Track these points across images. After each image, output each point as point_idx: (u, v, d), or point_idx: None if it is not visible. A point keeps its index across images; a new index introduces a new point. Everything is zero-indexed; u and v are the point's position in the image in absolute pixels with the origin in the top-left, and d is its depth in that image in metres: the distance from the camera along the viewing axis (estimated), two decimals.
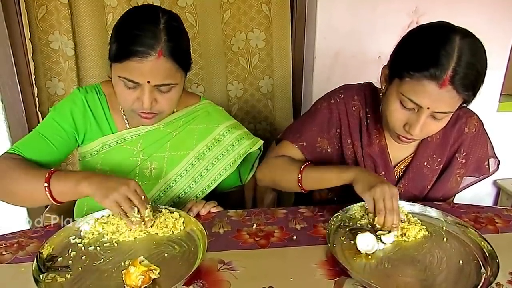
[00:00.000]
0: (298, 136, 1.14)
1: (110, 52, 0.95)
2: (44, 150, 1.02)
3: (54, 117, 1.05)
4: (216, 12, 1.72)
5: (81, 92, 1.08)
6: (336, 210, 0.98)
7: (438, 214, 0.99)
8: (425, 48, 0.87)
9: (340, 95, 1.12)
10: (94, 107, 1.08)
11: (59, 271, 0.77)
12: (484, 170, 1.16)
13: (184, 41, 0.99)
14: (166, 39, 0.91)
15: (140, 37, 0.89)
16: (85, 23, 1.60)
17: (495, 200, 2.21)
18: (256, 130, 1.94)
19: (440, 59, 0.83)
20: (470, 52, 0.84)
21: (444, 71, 0.83)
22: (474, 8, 1.74)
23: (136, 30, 0.90)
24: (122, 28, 0.94)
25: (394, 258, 0.84)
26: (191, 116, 1.15)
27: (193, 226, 0.92)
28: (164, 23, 0.92)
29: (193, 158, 1.13)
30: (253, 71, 1.84)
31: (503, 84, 1.92)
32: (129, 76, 0.92)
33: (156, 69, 0.91)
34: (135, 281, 0.72)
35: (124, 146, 1.09)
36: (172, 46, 0.91)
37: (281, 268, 0.82)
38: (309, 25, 1.78)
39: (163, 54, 0.90)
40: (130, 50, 0.89)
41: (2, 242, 0.88)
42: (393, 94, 0.94)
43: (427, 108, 0.88)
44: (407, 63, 0.89)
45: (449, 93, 0.85)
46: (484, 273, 0.79)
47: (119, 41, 0.93)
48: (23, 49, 1.63)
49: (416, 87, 0.87)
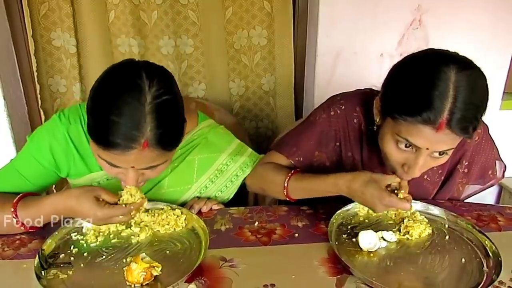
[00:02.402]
0: (294, 150, 1.04)
1: (88, 125, 0.81)
2: (19, 187, 0.92)
3: (31, 152, 0.94)
4: (218, 10, 1.71)
5: (63, 124, 0.94)
6: (338, 208, 0.97)
7: (440, 212, 0.99)
8: (416, 89, 0.77)
9: (341, 106, 1.02)
10: (78, 142, 0.95)
11: (61, 267, 0.78)
12: (489, 177, 1.09)
13: (175, 119, 0.82)
14: (152, 126, 0.75)
15: (119, 126, 0.74)
16: (87, 21, 1.60)
17: (497, 198, 2.21)
18: (258, 128, 1.94)
19: (433, 102, 0.74)
20: (467, 89, 0.74)
21: (439, 115, 0.74)
22: (477, 5, 1.73)
23: (114, 115, 0.74)
24: (99, 106, 0.77)
25: (396, 256, 0.84)
26: (190, 145, 1.05)
27: (195, 223, 0.92)
28: (151, 100, 0.75)
29: (195, 192, 1.05)
30: (255, 68, 1.84)
31: (506, 82, 1.91)
32: (110, 161, 0.80)
33: (141, 159, 0.79)
34: (137, 278, 0.72)
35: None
36: (160, 133, 0.76)
37: (282, 265, 0.82)
38: (311, 22, 1.78)
39: (148, 145, 0.76)
40: (109, 141, 0.75)
41: (4, 239, 0.88)
42: (387, 133, 0.85)
43: (426, 149, 0.80)
44: (398, 106, 0.80)
45: (447, 136, 0.76)
46: (486, 271, 0.79)
47: (96, 125, 0.78)
48: (25, 47, 1.63)
49: (411, 130, 0.78)
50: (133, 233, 0.89)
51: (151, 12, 1.65)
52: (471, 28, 1.76)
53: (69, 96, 1.72)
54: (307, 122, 1.08)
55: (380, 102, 0.88)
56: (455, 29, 1.71)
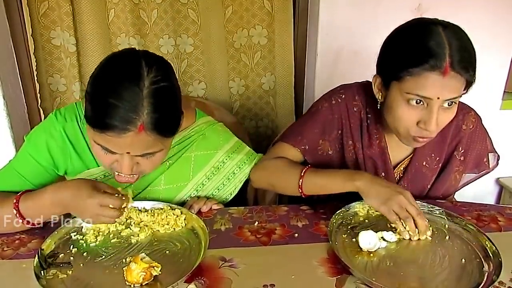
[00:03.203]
0: (300, 138, 1.09)
1: (85, 111, 0.82)
2: (19, 187, 0.92)
3: (29, 151, 0.95)
4: (218, 9, 1.71)
5: (59, 122, 0.95)
6: (338, 208, 0.97)
7: (440, 212, 0.98)
8: (415, 44, 0.87)
9: (341, 95, 1.09)
10: (74, 139, 0.96)
11: (61, 267, 0.78)
12: (484, 166, 1.15)
13: (172, 105, 0.84)
14: (149, 110, 0.77)
15: (117, 109, 0.76)
16: (87, 19, 1.59)
17: (498, 198, 2.20)
18: (258, 127, 1.94)
19: (435, 50, 0.84)
20: (457, 38, 0.86)
21: (443, 59, 0.84)
22: (478, 4, 1.73)
23: (113, 98, 0.76)
24: (98, 90, 0.79)
25: (396, 256, 0.84)
26: (186, 142, 1.05)
27: (194, 223, 0.92)
28: (149, 85, 0.77)
29: (191, 190, 1.06)
30: (255, 68, 1.83)
31: (507, 81, 1.91)
32: (106, 146, 0.81)
33: (137, 142, 0.79)
34: (136, 278, 0.72)
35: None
36: (156, 118, 0.78)
37: (282, 265, 0.81)
38: (312, 21, 1.77)
39: (144, 129, 0.78)
40: (106, 124, 0.76)
41: (4, 238, 0.88)
42: (396, 97, 0.91)
43: (437, 99, 0.86)
44: (403, 63, 0.88)
45: (453, 79, 0.85)
46: (486, 272, 0.79)
47: (94, 108, 0.79)
48: (25, 46, 1.62)
49: (419, 81, 0.86)
50: (132, 233, 0.89)
51: (151, 11, 1.65)
52: (471, 27, 1.74)
53: (68, 95, 1.72)
54: (310, 112, 1.13)
55: (379, 75, 0.96)
56: None
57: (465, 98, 0.93)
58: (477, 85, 0.89)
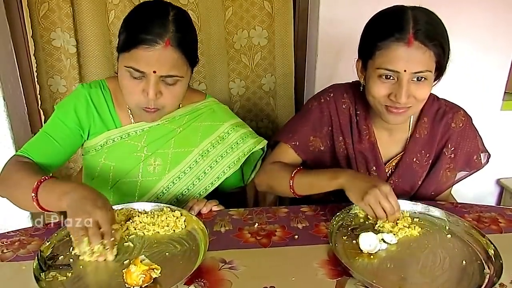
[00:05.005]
0: (290, 136, 1.15)
1: (119, 42, 0.97)
2: (50, 150, 1.04)
3: (58, 115, 1.07)
4: (218, 10, 1.71)
5: (85, 88, 1.08)
6: (338, 209, 0.97)
7: (441, 214, 0.98)
8: (384, 21, 0.97)
9: (330, 93, 1.15)
10: (97, 103, 1.08)
11: (60, 269, 0.77)
12: (474, 164, 1.16)
13: (192, 34, 1.00)
14: (174, 29, 0.92)
15: (148, 26, 0.91)
16: (87, 21, 1.59)
17: (498, 200, 2.20)
18: (258, 128, 1.94)
19: (400, 23, 0.92)
20: (423, 15, 0.93)
21: (407, 31, 0.91)
22: (478, 5, 1.73)
23: (145, 20, 0.93)
24: (132, 19, 0.97)
25: (396, 258, 0.84)
26: (196, 113, 1.15)
27: (194, 225, 0.92)
28: (173, 15, 0.94)
29: (197, 155, 1.13)
30: (255, 68, 1.83)
31: (507, 82, 1.91)
32: (135, 65, 0.92)
33: (163, 59, 0.92)
34: (136, 280, 0.72)
35: (128, 141, 1.09)
36: (180, 37, 0.93)
37: (282, 267, 0.81)
38: (312, 22, 1.77)
39: (170, 44, 0.91)
40: (138, 37, 0.91)
41: (3, 240, 0.88)
42: (371, 75, 0.99)
43: (404, 71, 0.92)
44: (373, 39, 0.96)
45: (418, 50, 0.91)
46: (487, 274, 0.79)
47: (128, 31, 0.95)
48: (25, 47, 1.63)
49: (387, 54, 0.93)
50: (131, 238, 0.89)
51: None
52: (471, 28, 1.75)
53: None
54: (301, 111, 1.21)
55: (360, 57, 1.04)
56: (456, 29, 1.70)
57: (465, 98, 0.93)
58: (477, 85, 0.89)
